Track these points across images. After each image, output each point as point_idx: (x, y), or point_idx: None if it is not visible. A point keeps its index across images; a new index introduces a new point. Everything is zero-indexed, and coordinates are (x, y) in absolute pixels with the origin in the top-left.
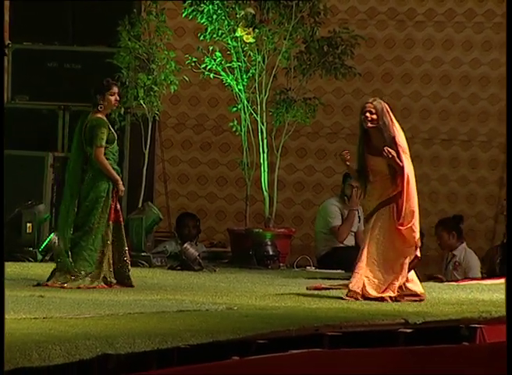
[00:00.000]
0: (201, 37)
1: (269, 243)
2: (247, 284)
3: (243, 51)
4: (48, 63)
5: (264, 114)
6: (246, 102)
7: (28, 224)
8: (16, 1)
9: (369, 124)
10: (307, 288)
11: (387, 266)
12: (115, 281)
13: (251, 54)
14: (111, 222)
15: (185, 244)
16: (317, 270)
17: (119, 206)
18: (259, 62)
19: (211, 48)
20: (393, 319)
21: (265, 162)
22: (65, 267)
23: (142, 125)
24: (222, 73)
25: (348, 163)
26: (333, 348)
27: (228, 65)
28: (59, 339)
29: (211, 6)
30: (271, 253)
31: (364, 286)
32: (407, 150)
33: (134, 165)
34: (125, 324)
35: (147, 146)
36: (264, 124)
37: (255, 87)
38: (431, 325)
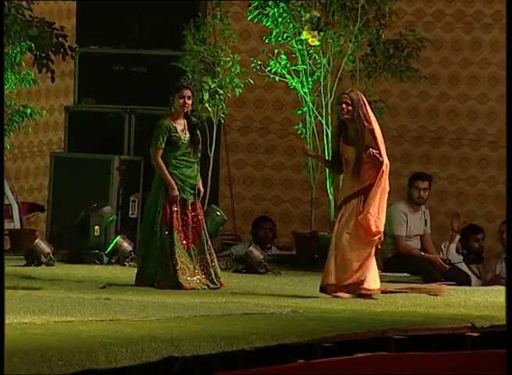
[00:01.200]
0: (266, 40)
1: None
2: (312, 287)
3: (308, 54)
4: (115, 67)
5: (330, 117)
6: (311, 105)
7: (96, 227)
8: (83, 4)
9: (345, 115)
10: None
11: (352, 257)
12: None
13: (316, 57)
14: (167, 224)
15: (250, 247)
16: (382, 273)
17: (175, 208)
18: (324, 64)
19: (276, 51)
20: (460, 323)
21: None
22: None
23: (207, 128)
24: (287, 75)
25: (310, 153)
26: (399, 352)
27: (293, 68)
28: (125, 341)
29: (276, 9)
30: None
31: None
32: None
33: (200, 168)
34: (190, 327)
35: (213, 149)
36: (330, 127)
37: (320, 90)
38: (498, 329)
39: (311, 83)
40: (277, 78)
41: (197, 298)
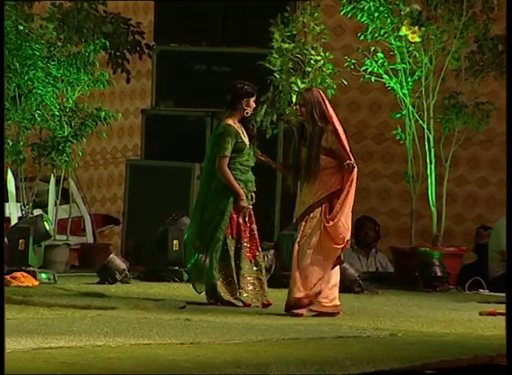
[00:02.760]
0: (362, 37)
1: (437, 263)
2: (412, 308)
3: (407, 52)
4: (195, 66)
5: (432, 120)
6: (411, 108)
7: (175, 241)
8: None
9: (299, 117)
10: (479, 313)
11: (313, 269)
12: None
13: (417, 54)
14: (232, 237)
15: (343, 264)
16: (491, 293)
17: (241, 221)
18: (426, 63)
19: (372, 49)
20: None
21: (433, 174)
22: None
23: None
24: (385, 75)
25: (263, 158)
26: None
27: (391, 67)
28: (207, 366)
29: (372, 3)
30: (439, 274)
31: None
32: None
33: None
34: (278, 351)
35: None
36: (432, 132)
37: (421, 91)
38: None
39: (410, 83)
40: (373, 78)
41: (285, 320)
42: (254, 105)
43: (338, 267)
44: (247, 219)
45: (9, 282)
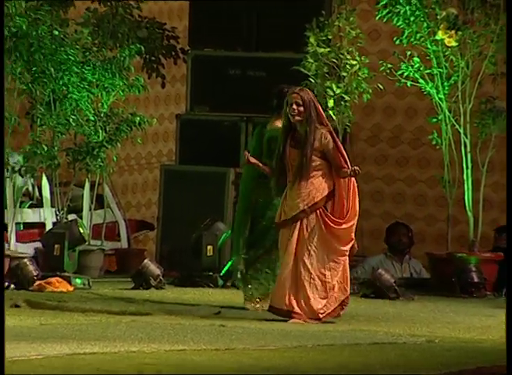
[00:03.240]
0: (397, 41)
1: (474, 269)
2: (449, 314)
3: (444, 56)
4: (230, 71)
5: (468, 125)
6: (447, 112)
7: (209, 247)
8: (196, 3)
9: (296, 117)
10: None
11: (324, 276)
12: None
13: (453, 59)
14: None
15: (379, 270)
16: None
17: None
18: (462, 67)
19: (408, 53)
20: None
21: (469, 179)
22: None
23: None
24: (421, 80)
25: (253, 161)
26: None
27: (427, 71)
28: (242, 373)
29: (408, 7)
30: (476, 280)
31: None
32: None
33: None
34: (313, 357)
35: None
36: (468, 137)
37: (458, 96)
38: None
39: (447, 88)
40: (409, 83)
41: (320, 326)
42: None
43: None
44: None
45: (44, 287)
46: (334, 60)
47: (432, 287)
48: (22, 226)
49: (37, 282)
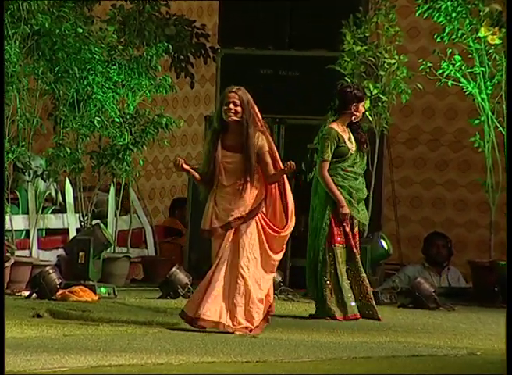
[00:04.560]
0: (438, 39)
1: None
2: (491, 326)
3: (487, 55)
4: (262, 70)
5: None
6: (490, 114)
7: None
8: (226, 0)
9: (233, 117)
10: None
11: (259, 285)
12: (340, 313)
13: (497, 57)
14: (335, 245)
15: (418, 279)
16: None
17: (348, 229)
18: (506, 66)
19: (449, 51)
20: None
21: None
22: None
23: (368, 140)
24: (462, 79)
25: (185, 167)
26: None
27: (469, 70)
28: None
29: (449, 3)
30: None
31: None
32: None
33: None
34: (349, 370)
35: (375, 165)
36: None
37: (501, 96)
38: None
39: (490, 88)
40: (450, 82)
41: (357, 337)
42: (363, 110)
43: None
44: (357, 231)
45: (67, 296)
46: (371, 59)
47: (473, 296)
48: (44, 232)
49: (60, 291)
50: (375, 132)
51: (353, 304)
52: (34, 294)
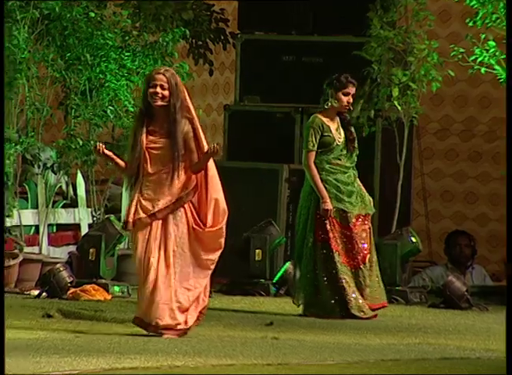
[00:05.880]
0: (471, 23)
1: None
2: None
3: None
4: (284, 57)
5: None
6: None
7: (257, 251)
8: None
9: (159, 102)
10: None
11: (188, 283)
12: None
13: None
14: (321, 242)
15: (449, 277)
16: None
17: (329, 227)
18: (506, 66)
19: (482, 37)
20: None
21: None
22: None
23: (396, 131)
24: (496, 66)
25: (107, 152)
26: None
27: (503, 57)
28: None
29: None
30: None
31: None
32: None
33: (387, 179)
34: (377, 373)
35: (403, 156)
36: None
37: None
38: None
39: None
40: (483, 69)
41: (384, 339)
42: (344, 99)
43: None
44: (353, 224)
45: (79, 295)
46: (400, 44)
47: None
48: (55, 228)
49: (72, 290)
50: (404, 122)
51: (333, 302)
52: (44, 293)
